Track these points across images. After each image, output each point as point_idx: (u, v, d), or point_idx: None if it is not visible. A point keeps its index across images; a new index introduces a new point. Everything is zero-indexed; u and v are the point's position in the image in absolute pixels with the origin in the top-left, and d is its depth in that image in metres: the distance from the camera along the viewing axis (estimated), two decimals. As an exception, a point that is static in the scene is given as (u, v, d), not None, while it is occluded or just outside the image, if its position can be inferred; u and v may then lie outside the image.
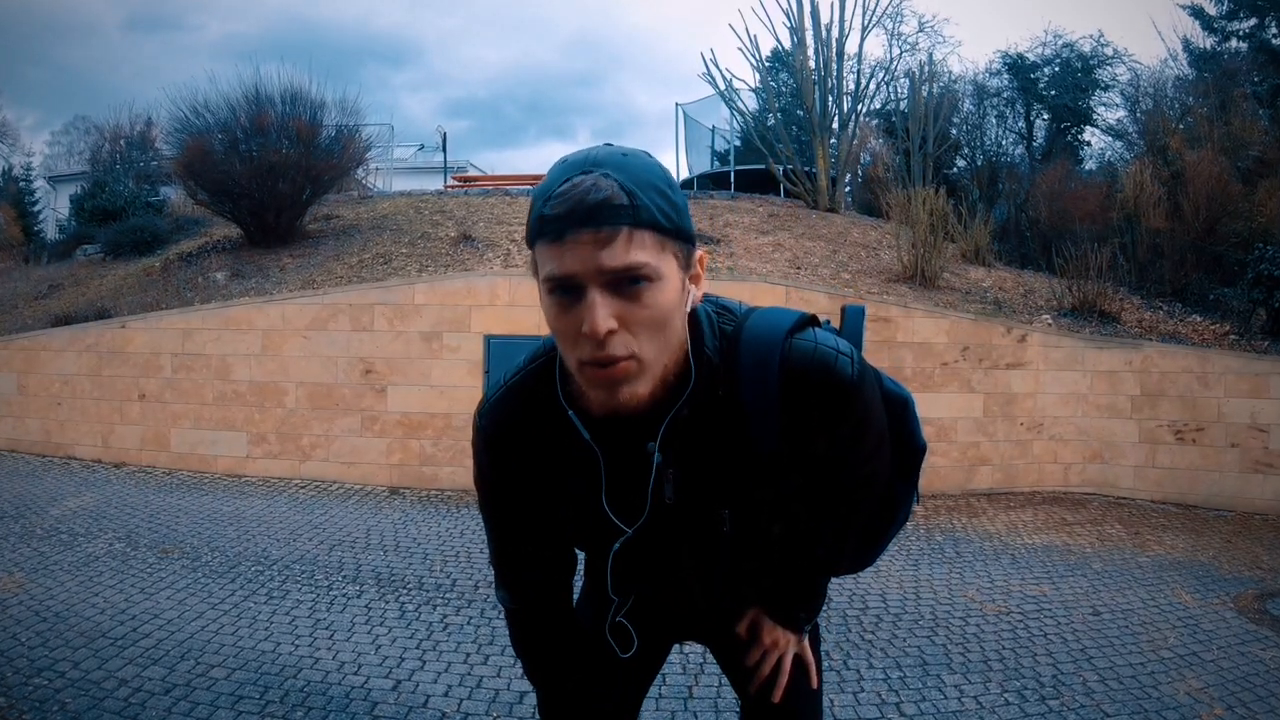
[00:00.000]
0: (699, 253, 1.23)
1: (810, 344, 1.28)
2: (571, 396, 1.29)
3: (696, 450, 1.30)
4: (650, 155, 1.19)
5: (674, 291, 1.16)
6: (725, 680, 3.67)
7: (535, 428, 1.35)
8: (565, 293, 1.12)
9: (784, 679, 1.59)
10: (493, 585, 1.62)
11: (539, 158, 79.65)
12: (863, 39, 30.85)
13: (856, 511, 1.50)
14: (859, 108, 14.51)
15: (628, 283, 1.11)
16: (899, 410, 1.55)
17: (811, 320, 1.35)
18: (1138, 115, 16.87)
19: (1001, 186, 16.12)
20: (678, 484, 1.33)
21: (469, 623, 4.38)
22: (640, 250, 1.10)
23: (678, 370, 1.23)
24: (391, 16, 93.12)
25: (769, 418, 1.27)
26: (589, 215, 1.08)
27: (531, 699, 3.47)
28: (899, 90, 17.61)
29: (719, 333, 1.30)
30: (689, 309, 1.24)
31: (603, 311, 1.10)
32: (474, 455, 1.43)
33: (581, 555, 1.60)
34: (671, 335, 1.19)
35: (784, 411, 1.27)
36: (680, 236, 1.17)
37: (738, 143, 17.30)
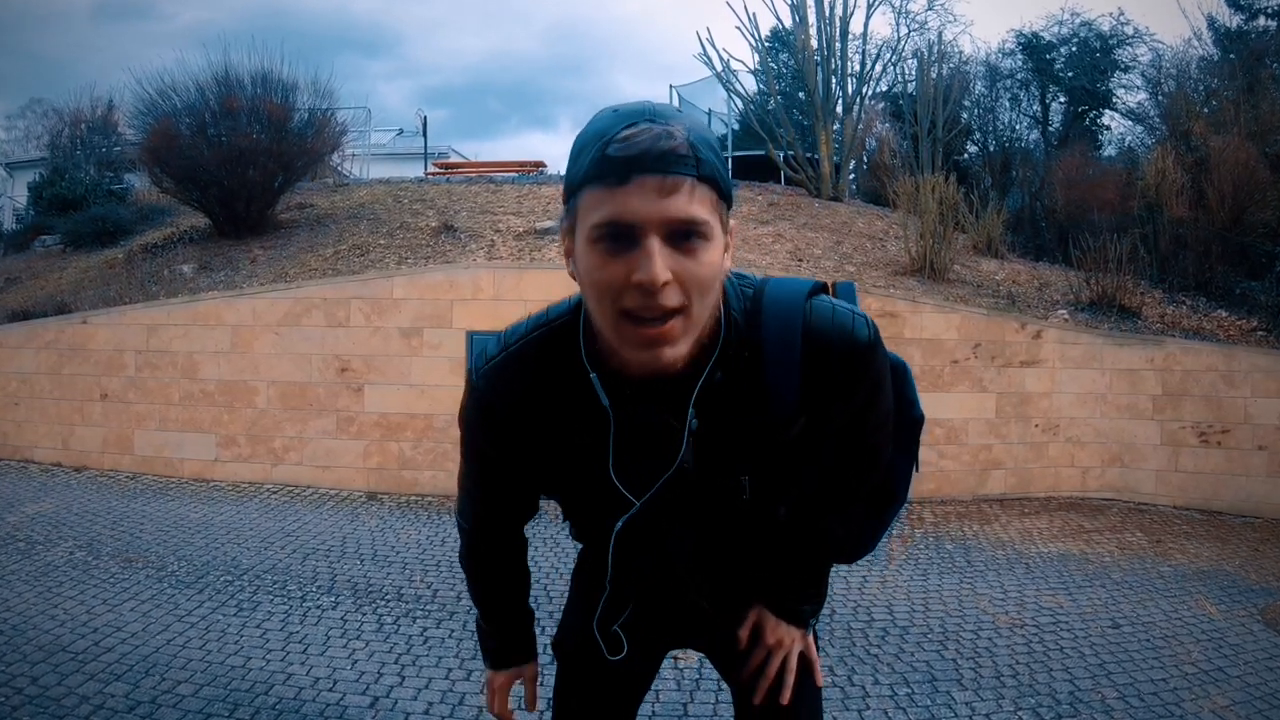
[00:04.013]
0: (732, 221, 1.26)
1: (828, 307, 1.35)
2: (595, 358, 1.31)
3: (720, 415, 1.33)
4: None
5: (720, 253, 1.20)
6: (721, 697, 3.67)
7: (541, 396, 1.37)
8: (616, 240, 1.13)
9: (791, 678, 1.60)
10: (460, 557, 1.75)
11: (521, 148, 79.96)
12: (868, 17, 31.00)
13: (862, 483, 1.55)
14: (864, 90, 14.52)
15: (683, 237, 1.13)
16: (899, 377, 1.59)
17: (823, 287, 1.43)
18: (1160, 98, 16.86)
19: (1015, 174, 16.13)
20: (699, 450, 1.36)
21: (450, 636, 4.38)
22: (701, 206, 1.14)
23: (711, 334, 1.27)
24: (369, 4, 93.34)
25: (790, 381, 1.32)
26: (659, 161, 1.10)
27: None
28: (907, 71, 17.66)
29: (741, 296, 1.35)
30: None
31: (662, 261, 1.11)
32: (463, 409, 1.46)
33: (573, 557, 1.62)
34: (714, 298, 1.23)
35: (804, 376, 1.32)
36: (729, 199, 1.21)
37: (735, 127, 17.30)
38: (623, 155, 1.11)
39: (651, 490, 1.37)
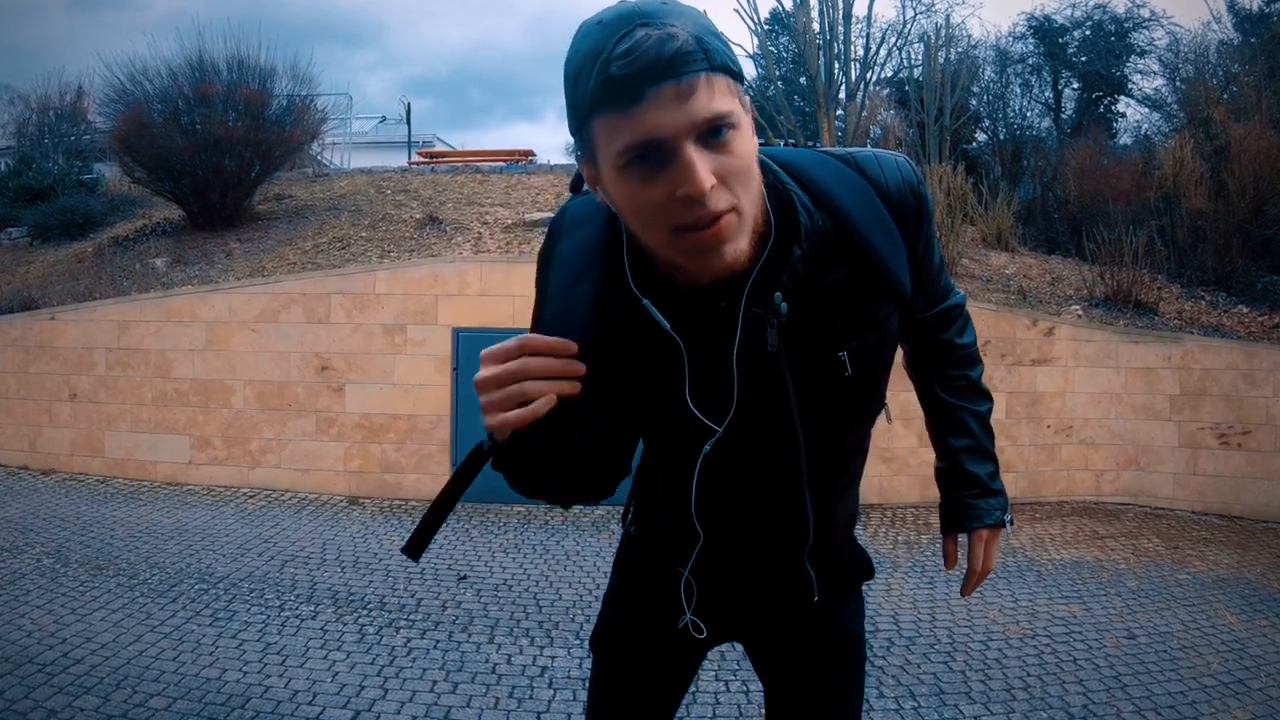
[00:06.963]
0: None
1: (871, 157, 1.39)
2: (648, 285, 1.29)
3: (810, 294, 1.33)
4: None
5: (751, 137, 1.19)
6: (719, 710, 3.68)
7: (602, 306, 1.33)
8: (647, 160, 1.12)
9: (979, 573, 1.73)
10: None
11: (506, 139, 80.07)
12: (873, -1, 30.99)
13: (951, 300, 1.65)
14: (868, 75, 14.53)
15: (714, 134, 1.12)
16: None
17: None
18: (1177, 84, 16.92)
19: (1026, 163, 16.16)
20: (788, 342, 1.34)
21: (435, 647, 4.37)
22: (722, 98, 1.12)
23: (763, 220, 1.26)
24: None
25: (892, 239, 1.36)
26: (669, 67, 1.08)
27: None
28: (913, 56, 17.64)
29: (783, 177, 1.35)
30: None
31: (703, 167, 1.10)
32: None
33: (566, 564, 1.62)
34: (757, 184, 1.22)
35: (897, 225, 1.37)
36: (742, 77, 1.19)
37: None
38: (630, 72, 1.08)
39: (731, 413, 1.35)
